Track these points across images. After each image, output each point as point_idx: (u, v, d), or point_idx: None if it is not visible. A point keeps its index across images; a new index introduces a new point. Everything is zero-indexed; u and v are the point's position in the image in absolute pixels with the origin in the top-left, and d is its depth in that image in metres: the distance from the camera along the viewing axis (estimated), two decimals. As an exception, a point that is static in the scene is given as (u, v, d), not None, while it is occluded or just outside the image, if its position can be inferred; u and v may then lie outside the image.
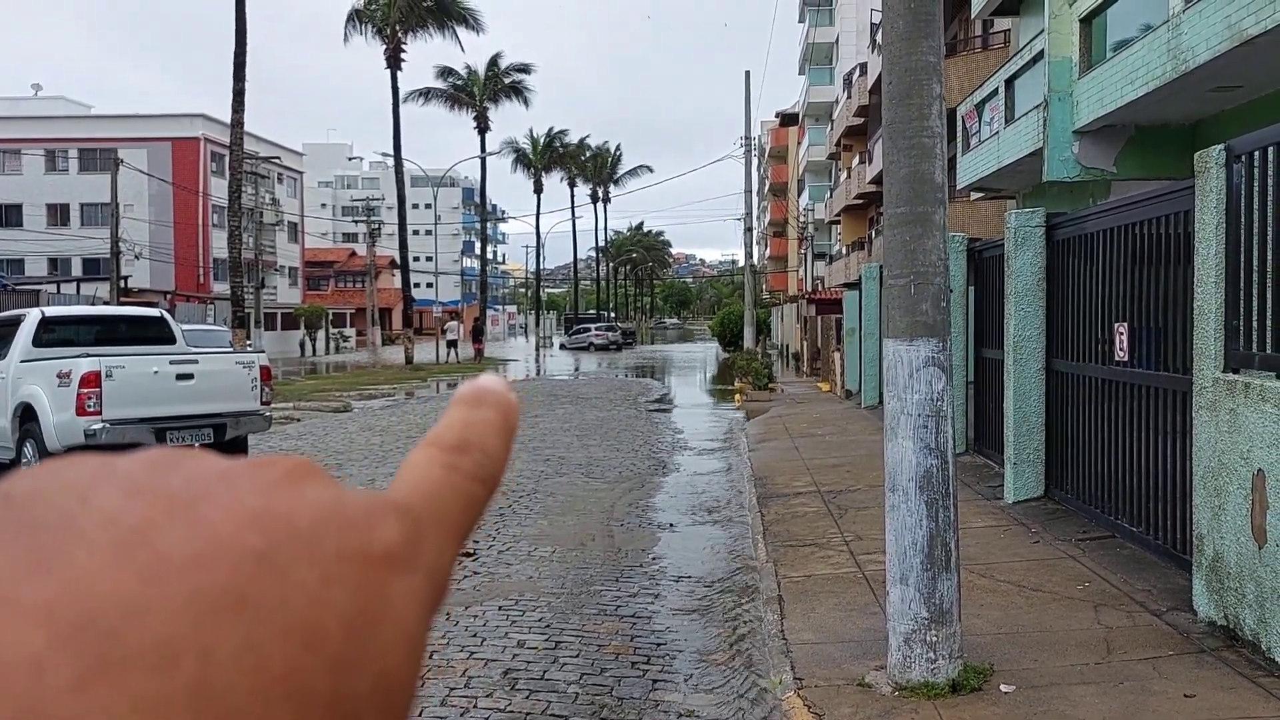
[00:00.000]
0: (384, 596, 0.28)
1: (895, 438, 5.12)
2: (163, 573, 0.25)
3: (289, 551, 0.27)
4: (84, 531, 0.25)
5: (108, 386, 10.46)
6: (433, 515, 0.32)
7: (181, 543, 0.26)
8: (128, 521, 0.26)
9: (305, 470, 0.30)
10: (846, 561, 7.37)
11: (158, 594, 0.24)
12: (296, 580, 0.26)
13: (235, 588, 0.25)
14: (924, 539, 4.97)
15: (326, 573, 0.27)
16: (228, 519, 0.27)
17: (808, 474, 11.32)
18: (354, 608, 0.27)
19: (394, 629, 0.28)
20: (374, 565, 0.28)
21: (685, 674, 5.60)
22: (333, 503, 0.29)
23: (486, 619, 6.52)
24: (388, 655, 0.28)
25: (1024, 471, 8.99)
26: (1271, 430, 4.91)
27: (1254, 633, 5.06)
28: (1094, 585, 6.37)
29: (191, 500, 0.27)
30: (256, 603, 0.25)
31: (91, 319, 12.88)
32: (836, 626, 5.90)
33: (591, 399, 23.96)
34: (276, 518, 0.27)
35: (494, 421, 0.36)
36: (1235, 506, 5.23)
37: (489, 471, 0.34)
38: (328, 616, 0.27)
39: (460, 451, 0.34)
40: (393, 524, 0.30)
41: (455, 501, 0.33)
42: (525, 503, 10.42)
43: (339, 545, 0.28)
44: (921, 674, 4.86)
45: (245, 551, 0.26)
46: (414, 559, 0.30)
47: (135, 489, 0.27)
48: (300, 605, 0.26)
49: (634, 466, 13.11)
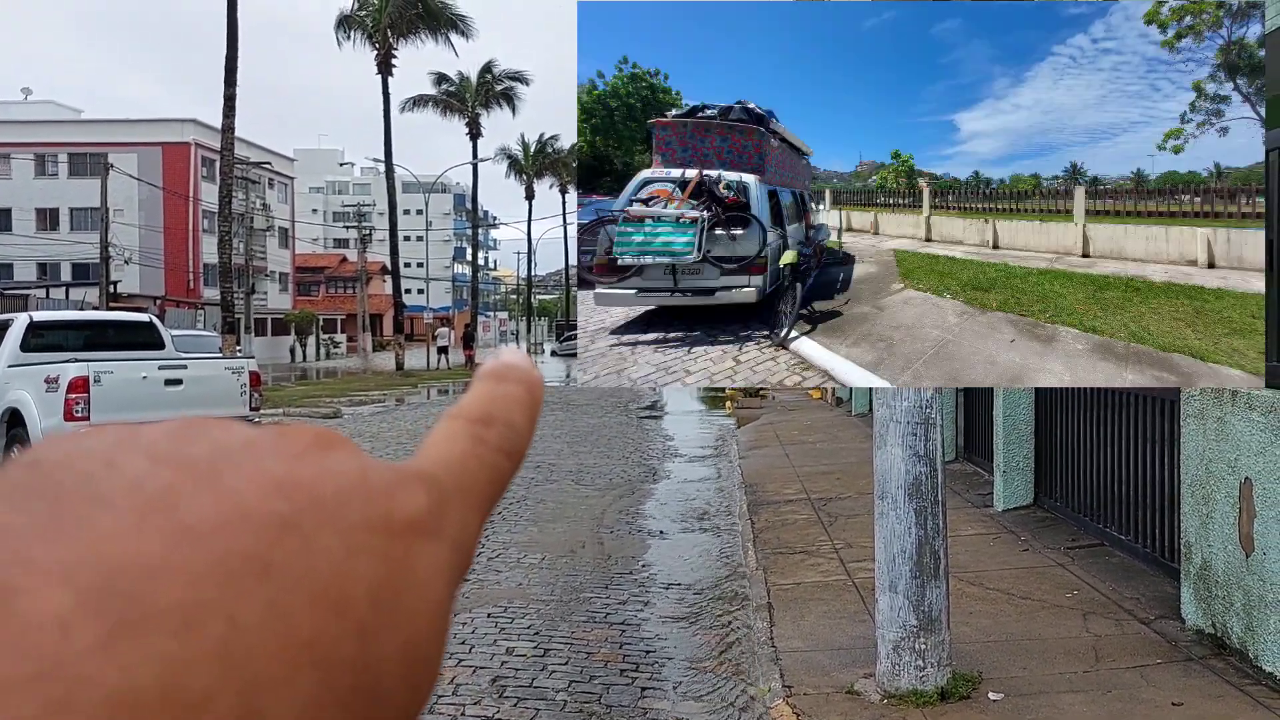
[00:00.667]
0: (409, 565, 0.28)
1: (884, 445, 5.12)
2: (187, 537, 0.25)
3: (313, 519, 0.27)
4: (108, 496, 0.25)
5: (96, 392, 10.42)
6: (457, 486, 0.32)
7: (206, 508, 0.26)
8: (152, 487, 0.26)
9: (330, 439, 0.30)
10: (836, 569, 7.36)
11: (181, 558, 0.24)
12: (322, 548, 0.26)
13: (260, 554, 0.25)
14: (913, 546, 4.97)
15: (351, 541, 0.27)
16: (252, 486, 0.27)
17: (798, 481, 11.32)
18: (379, 576, 0.27)
19: (419, 598, 0.28)
20: (398, 534, 0.28)
21: (674, 681, 5.58)
22: (357, 472, 0.29)
23: (475, 626, 6.50)
24: (413, 624, 0.28)
25: (1014, 479, 9.00)
26: (1258, 438, 4.93)
27: (1241, 641, 5.07)
28: (1083, 593, 6.38)
29: (216, 467, 0.27)
30: (282, 569, 0.25)
31: (80, 324, 12.83)
32: (826, 634, 5.89)
33: (582, 405, 23.94)
34: (301, 486, 0.27)
35: (519, 396, 0.36)
36: (1223, 515, 5.24)
37: (514, 445, 0.35)
38: (353, 584, 0.27)
39: (485, 424, 0.34)
40: (418, 493, 0.30)
41: (480, 473, 0.33)
42: (515, 509, 10.40)
43: (363, 514, 0.28)
44: (910, 682, 4.85)
45: (270, 518, 0.26)
46: (439, 528, 0.30)
47: (160, 456, 0.27)
48: (325, 572, 0.26)
49: (624, 473, 13.10)
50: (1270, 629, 4.80)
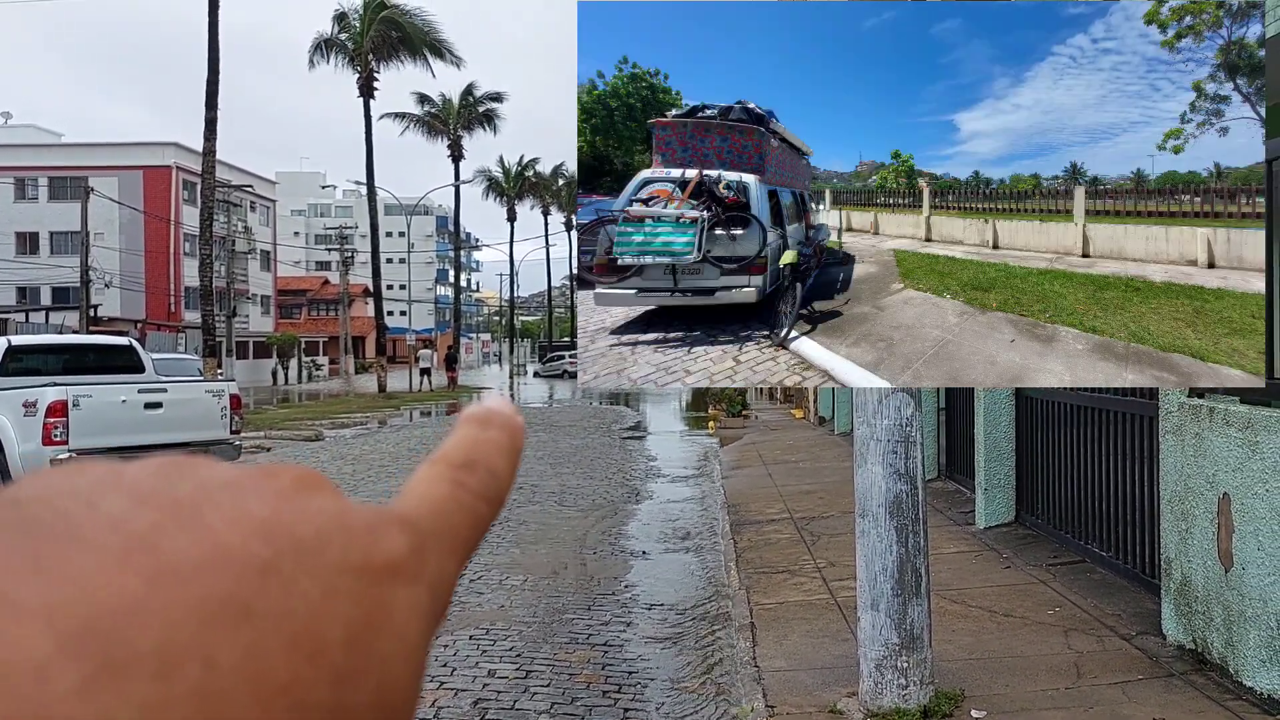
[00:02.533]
0: (386, 608, 0.28)
1: (865, 463, 5.13)
2: (167, 579, 0.25)
3: (293, 562, 0.27)
4: (89, 536, 0.25)
5: (74, 415, 10.34)
6: (437, 529, 0.32)
7: (187, 549, 0.26)
8: (133, 527, 0.26)
9: (312, 480, 0.30)
10: (819, 588, 7.36)
11: (161, 600, 0.24)
12: (300, 591, 0.26)
13: (240, 597, 0.25)
14: (894, 564, 4.97)
15: (330, 584, 0.27)
16: (234, 528, 0.27)
17: (781, 500, 11.32)
18: (356, 619, 0.27)
19: (396, 640, 0.28)
20: (377, 577, 0.28)
21: (657, 702, 5.56)
22: (337, 514, 0.29)
23: (457, 649, 6.46)
24: (389, 667, 0.28)
25: (995, 497, 9.03)
26: (1236, 454, 4.96)
27: (1222, 656, 5.09)
28: (1064, 610, 6.39)
29: (198, 508, 0.27)
30: (261, 612, 0.25)
31: (59, 348, 12.75)
32: (809, 653, 5.88)
33: (565, 426, 23.90)
34: (282, 527, 0.27)
35: (501, 442, 0.36)
36: (1202, 530, 5.27)
37: (494, 491, 0.35)
38: (330, 627, 0.26)
39: (467, 469, 0.34)
40: (397, 536, 0.30)
41: (460, 517, 0.33)
42: (497, 531, 10.35)
43: (342, 557, 0.28)
44: (893, 700, 4.85)
45: (251, 561, 0.26)
46: (417, 571, 0.30)
47: (142, 495, 0.27)
48: (304, 616, 0.26)
49: (607, 494, 13.06)
50: (1250, 644, 4.82)
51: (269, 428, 23.90)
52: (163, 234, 50.36)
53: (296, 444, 20.31)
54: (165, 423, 11.12)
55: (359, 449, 19.14)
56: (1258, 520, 4.77)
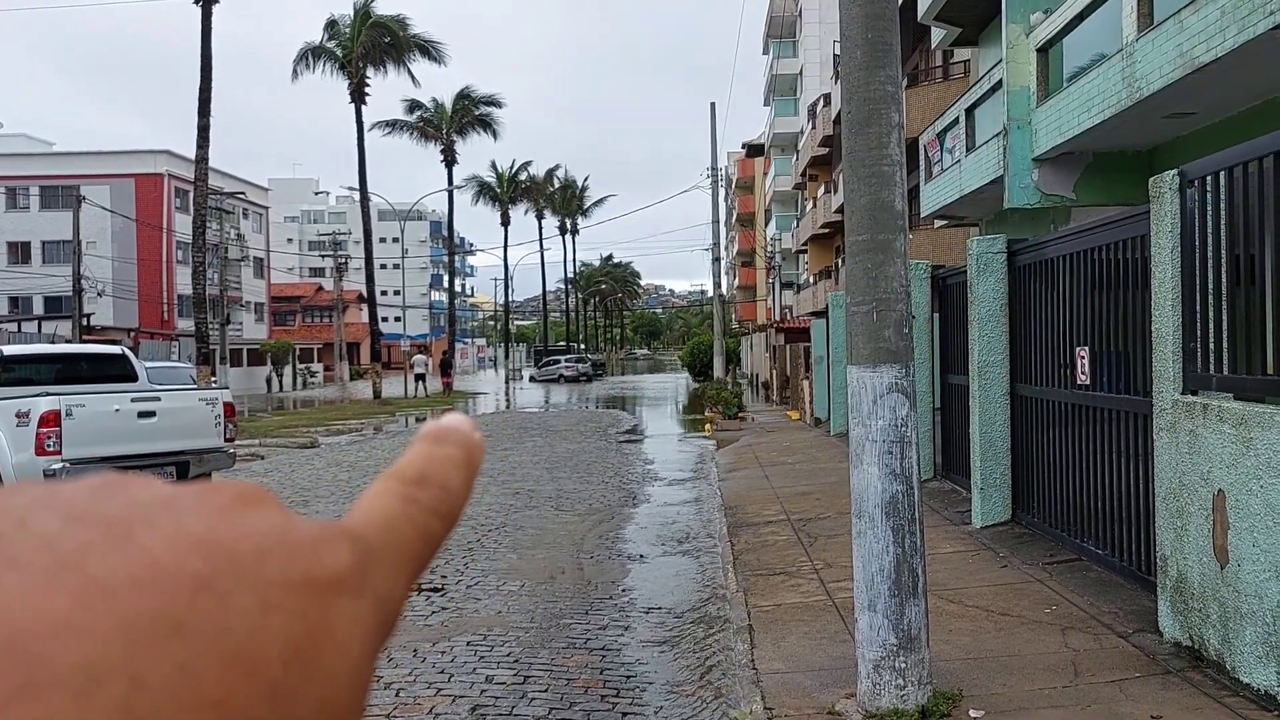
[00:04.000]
0: (328, 623, 0.28)
1: (860, 464, 5.13)
2: (95, 597, 0.24)
3: (230, 577, 0.26)
4: (17, 555, 0.25)
5: (68, 425, 10.30)
6: (385, 544, 0.32)
7: (118, 567, 0.25)
8: (64, 546, 0.25)
9: (253, 496, 0.30)
10: (816, 589, 7.35)
11: (87, 618, 0.24)
12: (237, 607, 0.26)
13: (171, 613, 0.25)
14: (891, 565, 4.97)
15: (268, 599, 0.27)
16: (168, 544, 0.26)
17: (778, 502, 11.32)
18: (296, 635, 0.27)
19: (337, 656, 0.28)
20: (319, 591, 0.28)
21: (655, 706, 5.55)
22: (279, 528, 0.29)
23: (455, 654, 6.45)
24: (330, 683, 0.28)
25: (991, 496, 9.03)
26: (1230, 451, 4.97)
27: (1218, 653, 5.09)
28: (1061, 608, 6.40)
29: (132, 525, 0.27)
30: (193, 629, 0.25)
31: (51, 357, 12.70)
32: (806, 655, 5.88)
33: (561, 431, 23.89)
34: (219, 543, 0.27)
35: (456, 458, 0.36)
36: (1197, 527, 5.27)
37: (447, 507, 0.34)
38: (268, 643, 0.26)
39: (419, 485, 0.34)
40: (341, 550, 0.30)
41: (410, 533, 0.33)
42: (494, 536, 10.34)
43: (282, 571, 0.28)
44: (891, 701, 4.84)
45: (184, 577, 0.26)
46: (362, 586, 0.30)
47: (75, 514, 0.27)
48: (240, 632, 0.26)
49: (604, 498, 13.06)
50: (1246, 640, 4.82)
51: (264, 435, 23.86)
52: (155, 242, 50.25)
53: (291, 451, 20.28)
54: (159, 432, 11.08)
55: (354, 455, 19.11)
56: (1253, 517, 4.77)
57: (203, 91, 29.68)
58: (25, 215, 51.63)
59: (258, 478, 15.58)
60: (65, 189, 46.54)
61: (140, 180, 50.93)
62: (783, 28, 51.79)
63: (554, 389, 52.28)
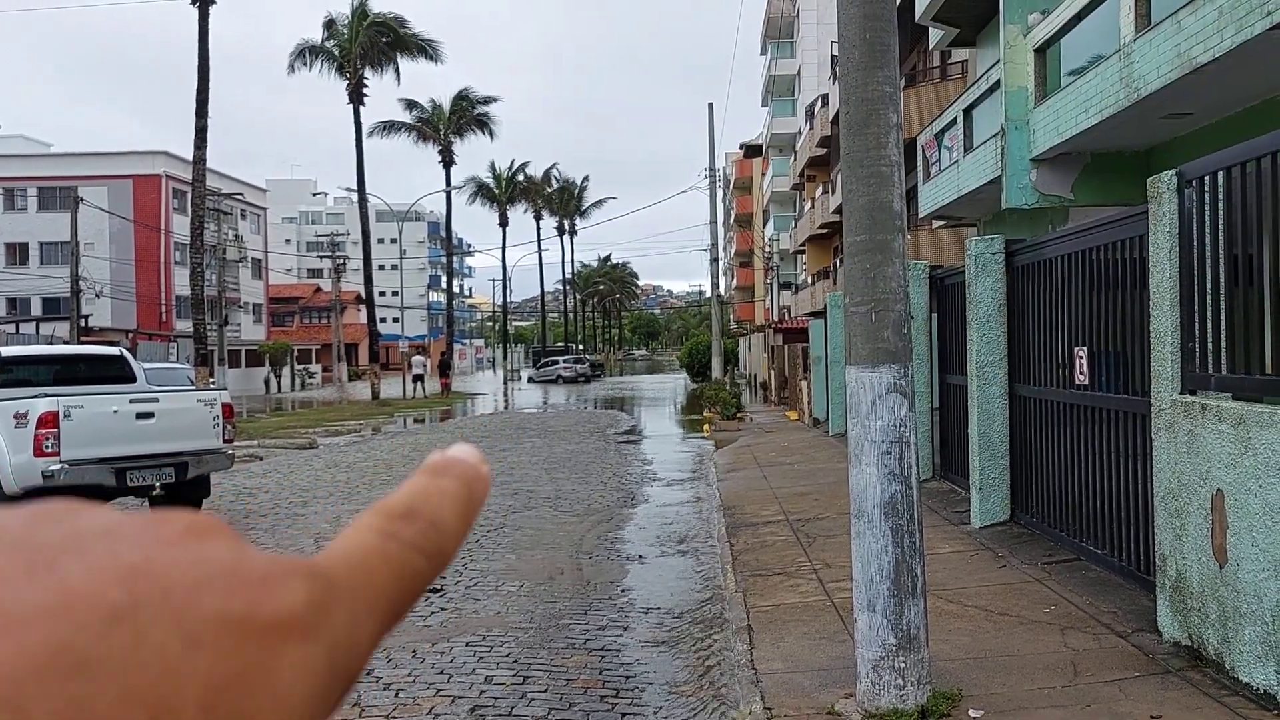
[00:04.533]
0: (265, 667, 0.26)
1: (859, 464, 5.13)
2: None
3: (154, 612, 0.25)
4: None
5: (66, 427, 10.29)
6: (352, 583, 0.30)
7: (26, 598, 0.24)
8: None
9: (205, 527, 0.28)
10: (815, 590, 7.36)
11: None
12: (155, 643, 0.25)
13: (74, 646, 0.24)
14: (890, 565, 4.97)
15: (195, 636, 0.25)
16: (91, 575, 0.25)
17: (776, 503, 11.32)
18: (223, 675, 0.25)
19: (271, 702, 0.26)
20: (259, 632, 0.26)
21: (654, 706, 5.55)
22: (228, 562, 0.27)
23: (454, 655, 6.45)
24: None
25: (990, 496, 9.03)
26: (1229, 450, 4.97)
27: (1217, 652, 5.09)
28: (1060, 608, 6.40)
29: (59, 555, 0.26)
30: (98, 664, 0.24)
31: (49, 358, 12.69)
32: (806, 655, 5.88)
33: (560, 431, 23.88)
34: (151, 575, 0.26)
35: (453, 492, 0.34)
36: (1196, 527, 5.28)
37: (435, 545, 0.32)
38: (185, 684, 0.25)
39: (405, 519, 0.32)
40: (295, 588, 0.28)
41: (384, 571, 0.31)
42: (493, 537, 10.34)
43: (218, 608, 0.26)
44: (890, 700, 4.84)
45: (98, 609, 0.25)
46: (315, 629, 0.28)
47: (5, 543, 0.26)
48: (154, 669, 0.25)
49: (603, 499, 13.06)
50: (1245, 640, 4.83)
51: (262, 436, 23.84)
52: (153, 243, 50.23)
53: (290, 452, 20.26)
54: (157, 433, 11.07)
55: (353, 456, 19.10)
56: (1251, 516, 4.77)
57: (200, 93, 29.67)
58: (23, 216, 51.61)
59: (256, 479, 15.58)
60: (63, 190, 46.51)
61: (138, 181, 50.92)
62: (780, 28, 51.82)
63: (552, 390, 52.26)
